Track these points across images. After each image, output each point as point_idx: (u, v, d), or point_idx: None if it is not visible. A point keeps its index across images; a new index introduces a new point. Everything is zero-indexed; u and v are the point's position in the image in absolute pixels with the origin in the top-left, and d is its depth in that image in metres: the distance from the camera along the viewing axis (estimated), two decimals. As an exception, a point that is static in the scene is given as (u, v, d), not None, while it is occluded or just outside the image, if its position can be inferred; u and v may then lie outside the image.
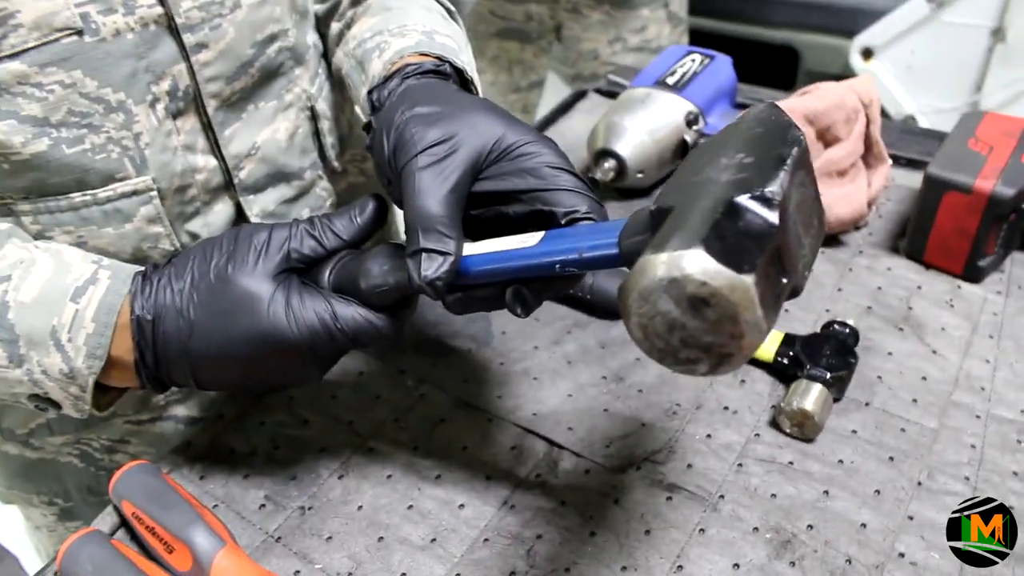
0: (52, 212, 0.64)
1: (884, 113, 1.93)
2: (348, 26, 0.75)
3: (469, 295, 0.53)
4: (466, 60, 0.69)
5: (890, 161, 0.88)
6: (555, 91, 1.99)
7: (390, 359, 0.78)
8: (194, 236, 0.71)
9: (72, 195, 0.64)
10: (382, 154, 0.57)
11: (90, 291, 0.56)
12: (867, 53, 1.98)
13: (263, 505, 0.66)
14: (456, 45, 0.70)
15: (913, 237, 0.83)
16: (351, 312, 0.55)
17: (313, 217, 0.59)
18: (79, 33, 0.58)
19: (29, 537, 0.94)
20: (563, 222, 0.53)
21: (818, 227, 0.47)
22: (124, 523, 0.65)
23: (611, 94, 1.15)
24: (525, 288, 0.52)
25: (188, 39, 0.63)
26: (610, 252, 0.47)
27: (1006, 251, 0.82)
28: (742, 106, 1.01)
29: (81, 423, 0.78)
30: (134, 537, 0.64)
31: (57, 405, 0.59)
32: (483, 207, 0.56)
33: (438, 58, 0.66)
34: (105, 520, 0.65)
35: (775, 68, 2.15)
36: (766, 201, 0.40)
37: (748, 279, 0.37)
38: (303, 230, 0.58)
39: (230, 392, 0.74)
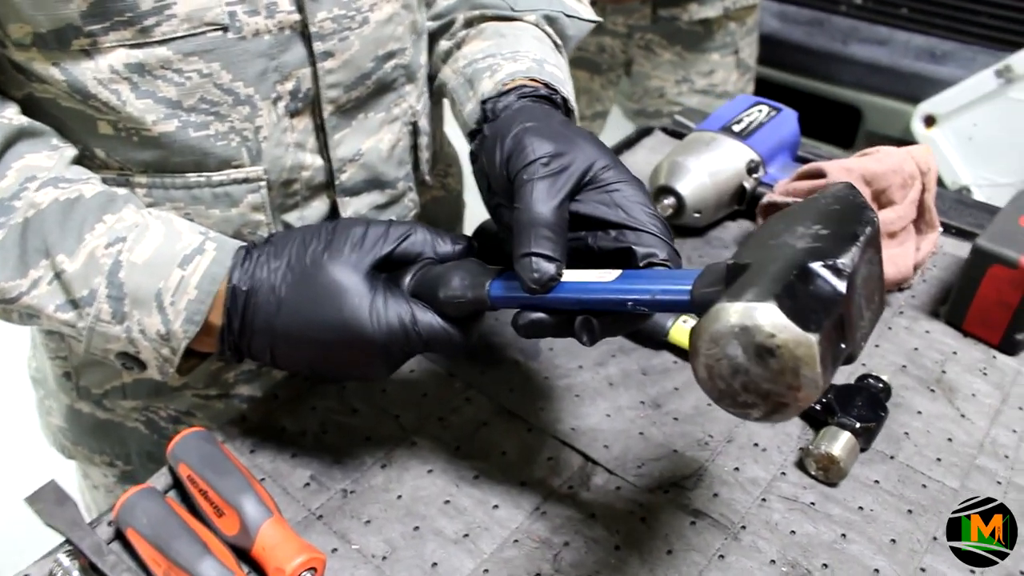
0: (167, 188, 0.70)
1: (940, 182, 1.95)
2: (458, 46, 0.80)
3: (541, 320, 0.57)
4: (568, 91, 0.73)
5: (940, 229, 0.91)
6: (615, 125, 2.04)
7: (441, 362, 0.82)
8: (288, 227, 0.76)
9: (188, 175, 0.69)
10: (493, 159, 0.61)
11: (197, 260, 0.61)
12: (929, 120, 2.00)
13: (308, 484, 0.71)
14: (563, 75, 0.74)
15: (955, 304, 0.85)
16: (429, 318, 0.59)
17: (418, 225, 0.63)
18: (224, 29, 0.64)
19: (86, 494, 0.99)
20: (641, 264, 0.56)
21: (879, 303, 0.50)
22: (176, 485, 0.69)
23: (676, 134, 1.19)
24: (595, 319, 0.55)
25: (318, 47, 0.69)
26: (682, 298, 0.51)
27: (1044, 328, 0.84)
28: (803, 159, 1.04)
29: (153, 391, 0.83)
30: (184, 499, 0.68)
31: (143, 365, 0.64)
32: (573, 230, 0.59)
33: (546, 85, 0.70)
34: (160, 479, 0.70)
35: (836, 125, 2.18)
36: (837, 271, 0.44)
37: (813, 337, 0.42)
38: (402, 234, 0.62)
39: (302, 375, 0.78)
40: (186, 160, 0.68)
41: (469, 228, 0.93)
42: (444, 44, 0.82)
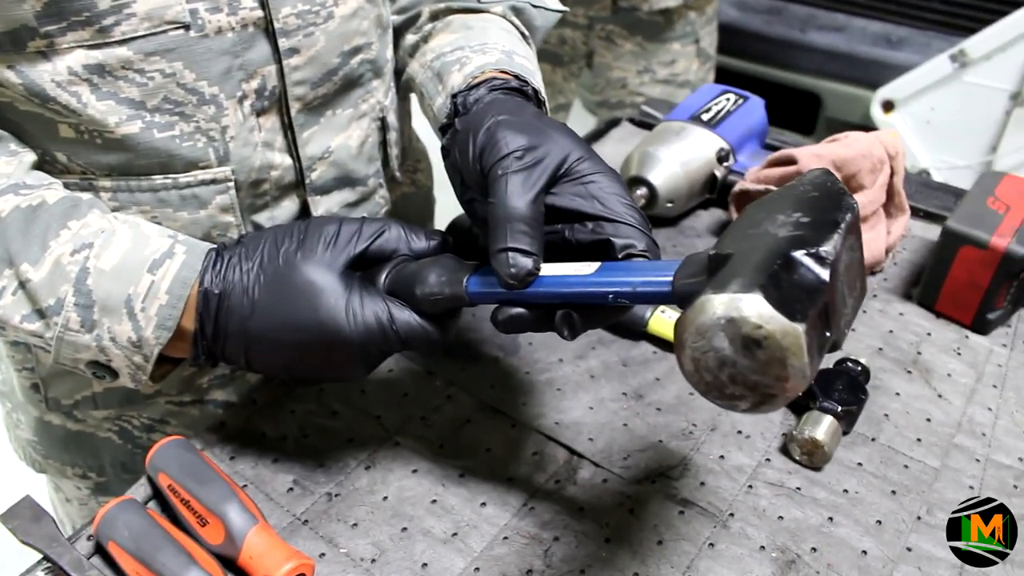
0: (132, 191, 0.68)
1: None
2: (425, 39, 0.79)
3: (520, 315, 0.55)
4: (539, 82, 0.72)
5: (909, 212, 0.92)
6: (577, 117, 2.04)
7: (419, 360, 0.81)
8: (258, 228, 0.74)
9: (154, 177, 0.67)
10: (466, 154, 0.59)
11: (167, 264, 0.59)
12: (888, 105, 2.03)
13: (291, 489, 0.69)
14: (532, 67, 0.73)
15: (927, 286, 0.86)
16: (406, 316, 0.58)
17: (392, 221, 0.62)
18: (186, 27, 0.62)
19: (58, 508, 0.97)
20: (620, 256, 0.55)
21: (860, 289, 0.50)
22: (156, 495, 0.68)
23: (644, 124, 1.19)
24: (575, 313, 0.54)
25: (283, 43, 0.67)
26: (663, 289, 0.51)
27: (1014, 307, 0.85)
28: (770, 147, 1.05)
29: (125, 399, 0.81)
30: (165, 509, 0.67)
31: (115, 374, 0.62)
32: (549, 223, 0.58)
33: (516, 77, 0.69)
34: (139, 490, 0.68)
35: (797, 112, 2.20)
36: (820, 259, 0.44)
37: (800, 327, 0.41)
38: (376, 231, 0.60)
39: (277, 378, 0.77)
40: (151, 162, 0.67)
41: (440, 224, 0.92)
42: (410, 38, 0.80)
